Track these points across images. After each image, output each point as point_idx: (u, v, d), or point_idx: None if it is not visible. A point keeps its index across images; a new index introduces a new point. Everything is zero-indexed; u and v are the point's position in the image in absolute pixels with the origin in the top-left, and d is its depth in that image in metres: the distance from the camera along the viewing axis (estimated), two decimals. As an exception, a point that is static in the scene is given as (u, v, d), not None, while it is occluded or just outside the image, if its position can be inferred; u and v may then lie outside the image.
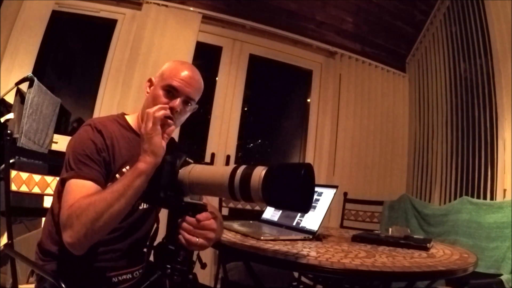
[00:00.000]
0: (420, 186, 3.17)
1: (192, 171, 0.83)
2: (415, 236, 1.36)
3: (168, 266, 0.80)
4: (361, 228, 2.28)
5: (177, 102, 1.08)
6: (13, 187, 1.38)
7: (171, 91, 1.09)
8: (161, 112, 0.90)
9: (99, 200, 0.84)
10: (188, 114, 1.17)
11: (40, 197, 1.52)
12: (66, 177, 0.96)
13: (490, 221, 1.94)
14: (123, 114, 1.19)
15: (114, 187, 0.86)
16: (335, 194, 1.40)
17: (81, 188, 0.92)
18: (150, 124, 0.88)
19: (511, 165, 2.20)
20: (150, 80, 1.17)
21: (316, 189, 1.45)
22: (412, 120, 3.43)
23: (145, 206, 1.12)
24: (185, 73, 1.10)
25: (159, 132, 0.88)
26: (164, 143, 0.90)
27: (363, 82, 3.31)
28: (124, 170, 1.05)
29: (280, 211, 1.53)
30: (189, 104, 1.13)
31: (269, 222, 1.54)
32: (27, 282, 1.48)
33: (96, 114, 2.63)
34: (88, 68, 3.12)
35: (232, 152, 2.99)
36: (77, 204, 0.86)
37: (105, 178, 1.00)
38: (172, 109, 1.08)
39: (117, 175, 1.04)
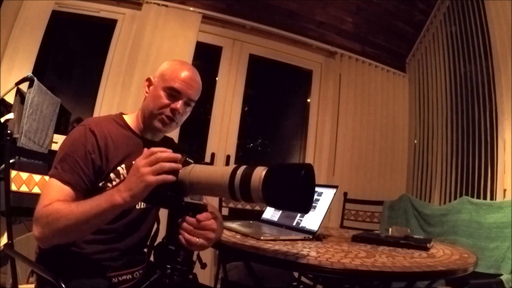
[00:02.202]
0: (420, 186, 3.17)
1: (192, 171, 0.83)
2: (415, 236, 1.36)
3: (168, 266, 0.80)
4: (361, 228, 2.28)
5: (179, 104, 1.11)
6: (13, 187, 1.39)
7: (173, 93, 1.11)
8: (169, 165, 0.81)
9: (70, 216, 0.86)
10: (188, 114, 1.19)
11: (40, 197, 1.51)
12: (49, 174, 1.00)
13: (490, 221, 1.94)
14: (121, 114, 1.20)
15: (86, 208, 0.85)
16: (335, 194, 1.40)
17: (59, 191, 0.95)
18: (151, 170, 0.80)
19: (511, 165, 2.20)
20: (148, 80, 1.18)
21: (316, 189, 1.45)
22: (412, 120, 3.43)
23: (142, 206, 1.12)
24: (186, 75, 1.12)
25: (153, 186, 0.80)
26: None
27: (363, 82, 3.31)
28: (119, 168, 1.06)
29: (280, 211, 1.53)
30: (190, 105, 1.16)
31: (269, 222, 1.54)
32: (27, 282, 1.48)
33: (96, 114, 2.63)
34: (88, 68, 3.12)
35: (232, 152, 2.99)
36: (50, 209, 0.89)
37: (90, 180, 1.01)
38: (174, 110, 1.11)
39: (112, 174, 1.05)
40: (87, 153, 1.01)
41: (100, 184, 1.03)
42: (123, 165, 1.07)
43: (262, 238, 1.13)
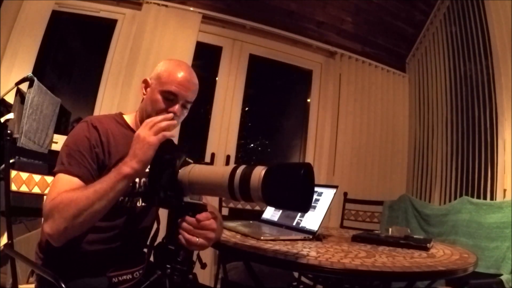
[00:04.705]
0: (420, 186, 3.16)
1: (192, 171, 0.83)
2: (415, 236, 1.36)
3: (168, 266, 0.80)
4: (361, 228, 2.28)
5: (177, 107, 1.10)
6: (13, 187, 1.38)
7: (170, 97, 1.10)
8: (165, 123, 0.93)
9: (81, 198, 0.86)
10: (185, 115, 1.19)
11: (40, 197, 1.52)
12: (55, 171, 0.99)
13: (490, 221, 1.94)
14: (121, 114, 1.21)
15: (97, 186, 0.88)
16: (335, 194, 1.40)
17: (66, 183, 0.94)
18: (151, 133, 0.90)
19: (511, 165, 2.20)
20: (145, 81, 1.17)
21: (316, 189, 1.45)
22: (412, 120, 3.43)
23: (142, 204, 1.12)
24: (182, 76, 1.10)
25: (156, 145, 0.89)
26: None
27: (363, 82, 3.31)
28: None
29: (280, 211, 1.54)
30: (187, 107, 1.15)
31: (269, 222, 1.54)
32: (27, 282, 1.48)
33: (96, 114, 2.63)
34: (88, 68, 3.12)
35: (232, 152, 2.99)
36: (59, 198, 0.88)
37: (95, 173, 1.01)
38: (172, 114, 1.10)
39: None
40: (92, 147, 1.01)
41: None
42: None
43: (262, 238, 1.13)
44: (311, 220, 1.35)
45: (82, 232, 0.95)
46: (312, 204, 1.20)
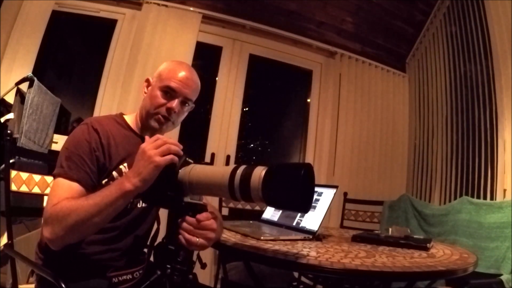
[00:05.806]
0: (420, 186, 3.17)
1: (192, 171, 0.82)
2: (415, 236, 1.36)
3: (168, 266, 0.80)
4: (361, 228, 2.28)
5: (175, 103, 1.11)
6: (13, 187, 1.38)
7: (169, 92, 1.11)
8: (176, 148, 0.85)
9: (81, 210, 0.85)
10: (185, 114, 1.19)
11: (40, 197, 1.52)
12: (55, 174, 0.98)
13: (490, 221, 1.94)
14: (122, 114, 1.21)
15: (97, 199, 0.85)
16: (335, 194, 1.40)
17: (66, 189, 0.94)
18: (158, 152, 0.83)
19: (511, 165, 2.20)
20: (147, 80, 1.19)
21: (316, 189, 1.45)
22: (412, 120, 3.44)
23: (143, 205, 1.12)
24: (182, 74, 1.12)
25: (162, 166, 0.83)
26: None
27: (363, 82, 3.31)
28: (121, 167, 1.06)
29: (280, 211, 1.53)
30: (187, 105, 1.16)
31: (269, 222, 1.54)
32: (27, 282, 1.48)
33: (96, 114, 2.63)
34: (88, 68, 3.12)
35: (232, 152, 2.99)
36: (59, 206, 0.88)
37: (96, 177, 1.01)
38: (170, 109, 1.10)
39: (114, 172, 1.05)
40: (92, 150, 1.01)
41: (103, 182, 1.03)
42: (125, 164, 1.07)
43: (262, 238, 1.13)
44: (311, 220, 1.35)
45: (82, 239, 0.96)
46: (312, 204, 1.20)
